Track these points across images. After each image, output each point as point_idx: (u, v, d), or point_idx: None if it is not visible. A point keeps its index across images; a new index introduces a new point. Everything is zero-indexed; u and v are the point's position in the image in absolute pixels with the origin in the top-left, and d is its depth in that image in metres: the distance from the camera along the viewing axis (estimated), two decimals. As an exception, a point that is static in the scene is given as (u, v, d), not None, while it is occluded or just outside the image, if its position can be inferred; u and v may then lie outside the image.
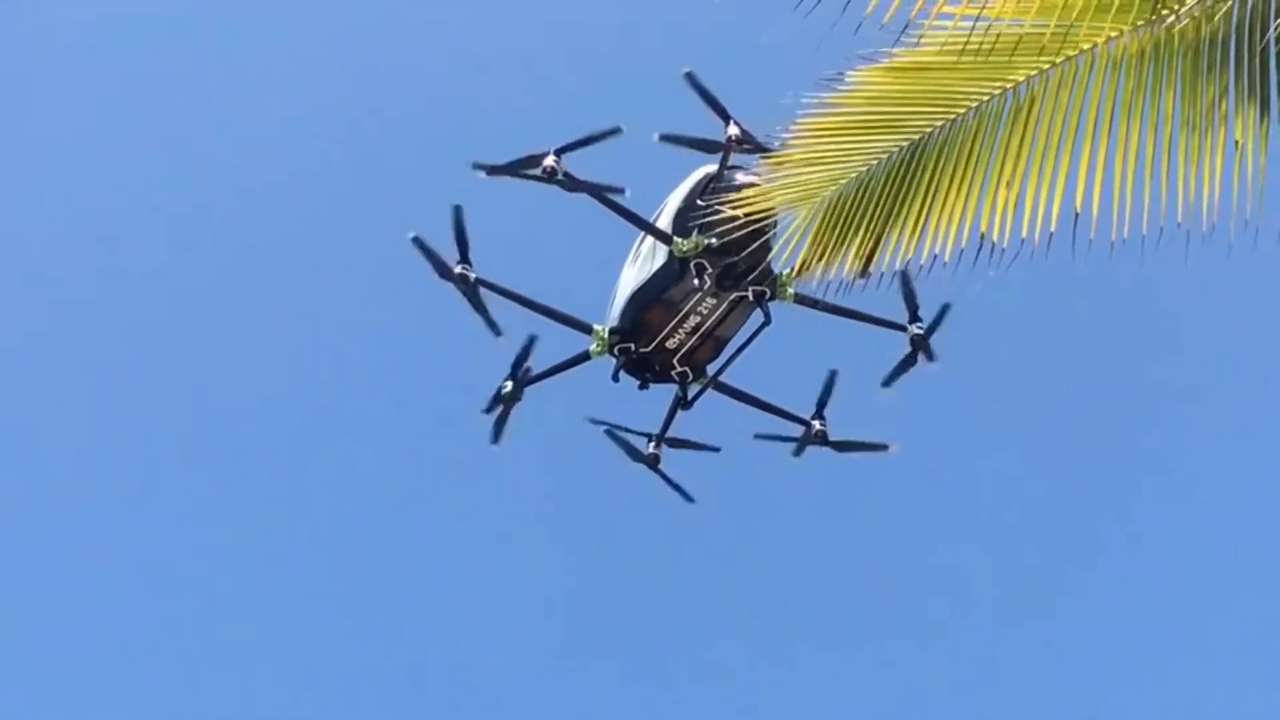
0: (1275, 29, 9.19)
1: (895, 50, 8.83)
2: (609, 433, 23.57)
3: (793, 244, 9.25)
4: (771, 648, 33.68)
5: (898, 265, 9.22)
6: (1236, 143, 9.49)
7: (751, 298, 22.15)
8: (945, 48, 8.92)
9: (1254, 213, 9.30)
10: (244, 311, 33.94)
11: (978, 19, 8.81)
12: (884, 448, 23.97)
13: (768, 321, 22.31)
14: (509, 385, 23.12)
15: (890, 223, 8.96)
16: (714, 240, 21.77)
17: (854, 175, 9.04)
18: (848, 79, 9.00)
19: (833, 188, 9.05)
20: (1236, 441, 32.63)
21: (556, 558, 34.10)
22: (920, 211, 9.00)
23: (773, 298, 22.13)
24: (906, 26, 8.85)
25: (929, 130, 9.05)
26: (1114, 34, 9.41)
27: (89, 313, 33.76)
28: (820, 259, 9.12)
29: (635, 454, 23.55)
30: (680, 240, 22.22)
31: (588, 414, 24.00)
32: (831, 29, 8.16)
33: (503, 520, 34.10)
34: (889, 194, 9.02)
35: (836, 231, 9.03)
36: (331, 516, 34.14)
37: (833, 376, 23.43)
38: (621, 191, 22.18)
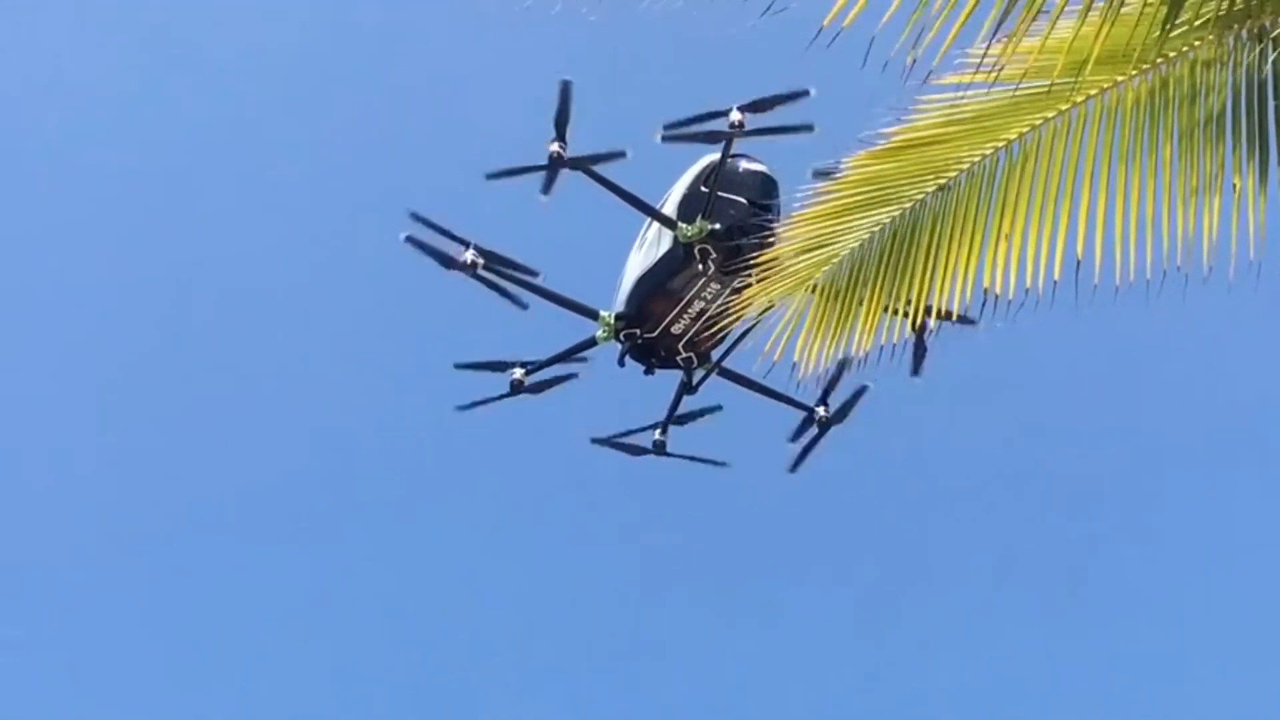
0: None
1: (890, 130, 8.88)
2: (596, 441, 23.68)
3: (788, 333, 9.38)
4: (769, 642, 33.88)
5: (908, 333, 9.40)
6: (1234, 186, 9.60)
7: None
8: (941, 116, 9.00)
9: (1253, 254, 9.42)
10: (242, 308, 34.02)
11: (993, 83, 8.82)
12: (863, 390, 23.75)
13: (771, 307, 22.30)
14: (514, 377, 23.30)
15: (895, 291, 9.04)
16: (718, 226, 21.93)
17: (850, 252, 9.12)
18: (843, 165, 9.08)
19: (828, 268, 9.14)
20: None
21: (556, 555, 34.27)
22: (924, 273, 9.09)
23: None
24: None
25: (922, 198, 9.12)
26: (1108, 85, 9.50)
27: (90, 312, 33.85)
28: (827, 340, 9.24)
29: (637, 450, 23.65)
30: (685, 226, 22.32)
31: (590, 405, 24.15)
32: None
33: (502, 517, 34.23)
34: (890, 263, 9.11)
35: (838, 310, 9.14)
36: (330, 515, 34.27)
37: (842, 365, 23.29)
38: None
